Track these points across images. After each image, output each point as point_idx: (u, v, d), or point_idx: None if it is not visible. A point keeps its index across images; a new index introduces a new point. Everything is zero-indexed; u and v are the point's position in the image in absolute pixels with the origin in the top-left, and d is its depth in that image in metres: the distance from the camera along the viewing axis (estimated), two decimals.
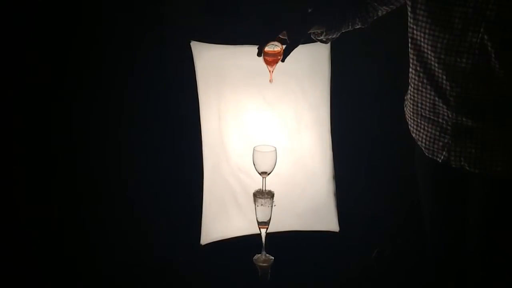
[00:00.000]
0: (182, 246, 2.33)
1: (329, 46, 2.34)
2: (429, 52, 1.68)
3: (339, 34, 1.86)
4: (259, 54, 1.74)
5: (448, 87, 1.67)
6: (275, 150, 2.09)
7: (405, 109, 1.91)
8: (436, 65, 1.68)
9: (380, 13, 1.88)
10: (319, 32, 1.81)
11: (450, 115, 1.70)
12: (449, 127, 1.72)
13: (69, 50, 2.31)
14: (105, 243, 2.32)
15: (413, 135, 1.87)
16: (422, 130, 1.81)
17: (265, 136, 2.30)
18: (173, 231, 2.38)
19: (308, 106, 2.37)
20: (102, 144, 2.37)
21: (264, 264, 2.07)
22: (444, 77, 1.67)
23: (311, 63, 2.35)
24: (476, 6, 1.55)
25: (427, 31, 1.66)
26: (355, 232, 2.48)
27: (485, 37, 1.56)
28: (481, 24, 1.56)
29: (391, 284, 2.25)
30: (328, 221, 2.44)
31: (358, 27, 1.89)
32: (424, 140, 1.81)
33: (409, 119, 1.87)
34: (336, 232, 2.44)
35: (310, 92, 2.37)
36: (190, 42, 2.22)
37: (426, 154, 1.82)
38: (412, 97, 1.81)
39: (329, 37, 1.85)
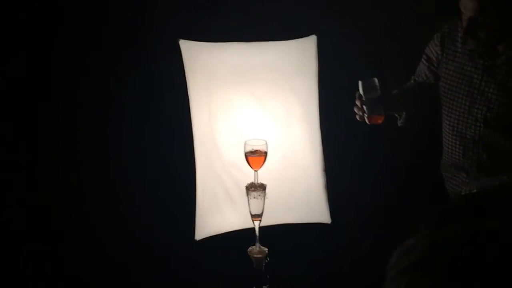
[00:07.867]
0: (177, 242, 2.35)
1: (315, 42, 2.37)
2: (446, 120, 2.04)
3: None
4: None
5: (461, 151, 2.01)
6: (266, 143, 2.12)
7: None
8: (450, 131, 2.03)
9: (432, 80, 2.17)
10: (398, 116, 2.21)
11: (469, 171, 2.01)
12: (471, 178, 2.01)
13: (57, 50, 2.33)
14: (99, 241, 2.33)
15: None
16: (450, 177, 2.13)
17: (255, 132, 2.32)
18: (168, 228, 2.40)
19: (297, 101, 2.40)
20: (94, 142, 2.38)
21: (259, 255, 2.09)
22: (458, 142, 2.01)
23: (298, 58, 2.39)
24: (480, 88, 1.90)
25: (444, 102, 2.03)
26: (347, 224, 2.51)
27: (488, 114, 1.89)
28: (483, 103, 1.90)
29: (381, 274, 2.27)
30: (320, 214, 2.47)
31: None
32: (451, 184, 2.12)
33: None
34: (328, 224, 2.47)
35: (299, 87, 2.40)
36: (178, 40, 2.26)
37: (446, 185, 2.15)
38: None
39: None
